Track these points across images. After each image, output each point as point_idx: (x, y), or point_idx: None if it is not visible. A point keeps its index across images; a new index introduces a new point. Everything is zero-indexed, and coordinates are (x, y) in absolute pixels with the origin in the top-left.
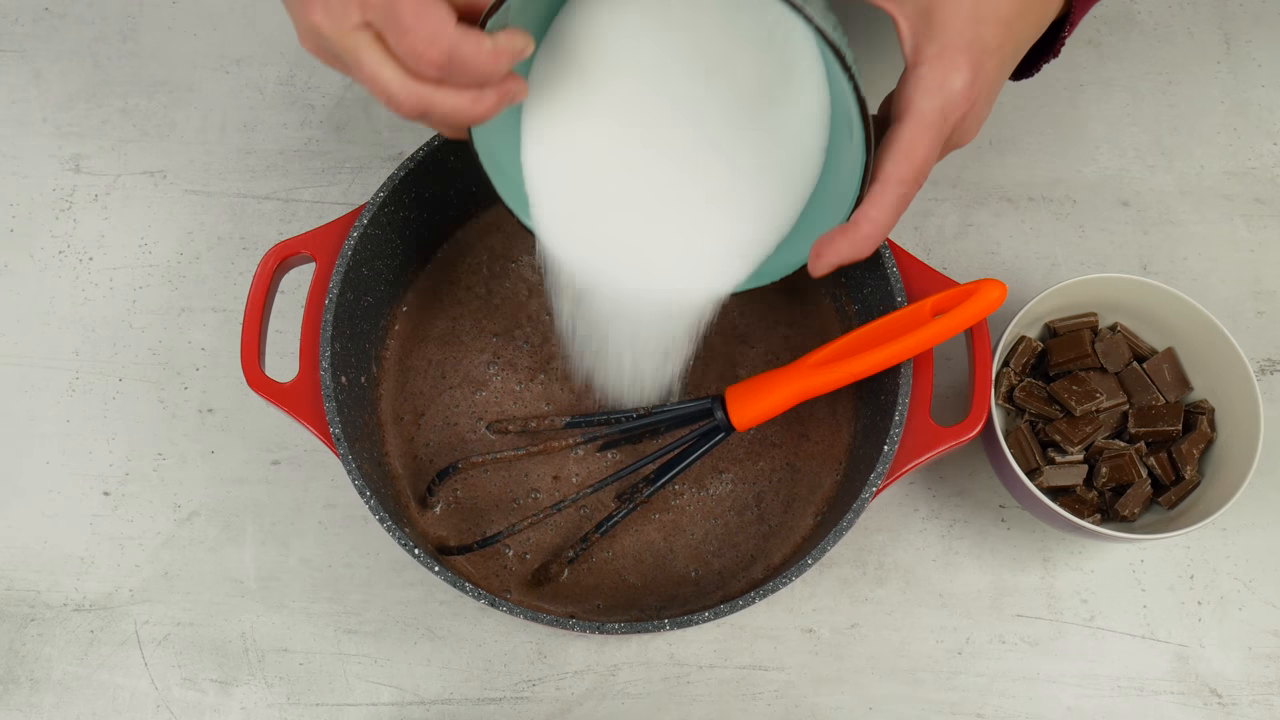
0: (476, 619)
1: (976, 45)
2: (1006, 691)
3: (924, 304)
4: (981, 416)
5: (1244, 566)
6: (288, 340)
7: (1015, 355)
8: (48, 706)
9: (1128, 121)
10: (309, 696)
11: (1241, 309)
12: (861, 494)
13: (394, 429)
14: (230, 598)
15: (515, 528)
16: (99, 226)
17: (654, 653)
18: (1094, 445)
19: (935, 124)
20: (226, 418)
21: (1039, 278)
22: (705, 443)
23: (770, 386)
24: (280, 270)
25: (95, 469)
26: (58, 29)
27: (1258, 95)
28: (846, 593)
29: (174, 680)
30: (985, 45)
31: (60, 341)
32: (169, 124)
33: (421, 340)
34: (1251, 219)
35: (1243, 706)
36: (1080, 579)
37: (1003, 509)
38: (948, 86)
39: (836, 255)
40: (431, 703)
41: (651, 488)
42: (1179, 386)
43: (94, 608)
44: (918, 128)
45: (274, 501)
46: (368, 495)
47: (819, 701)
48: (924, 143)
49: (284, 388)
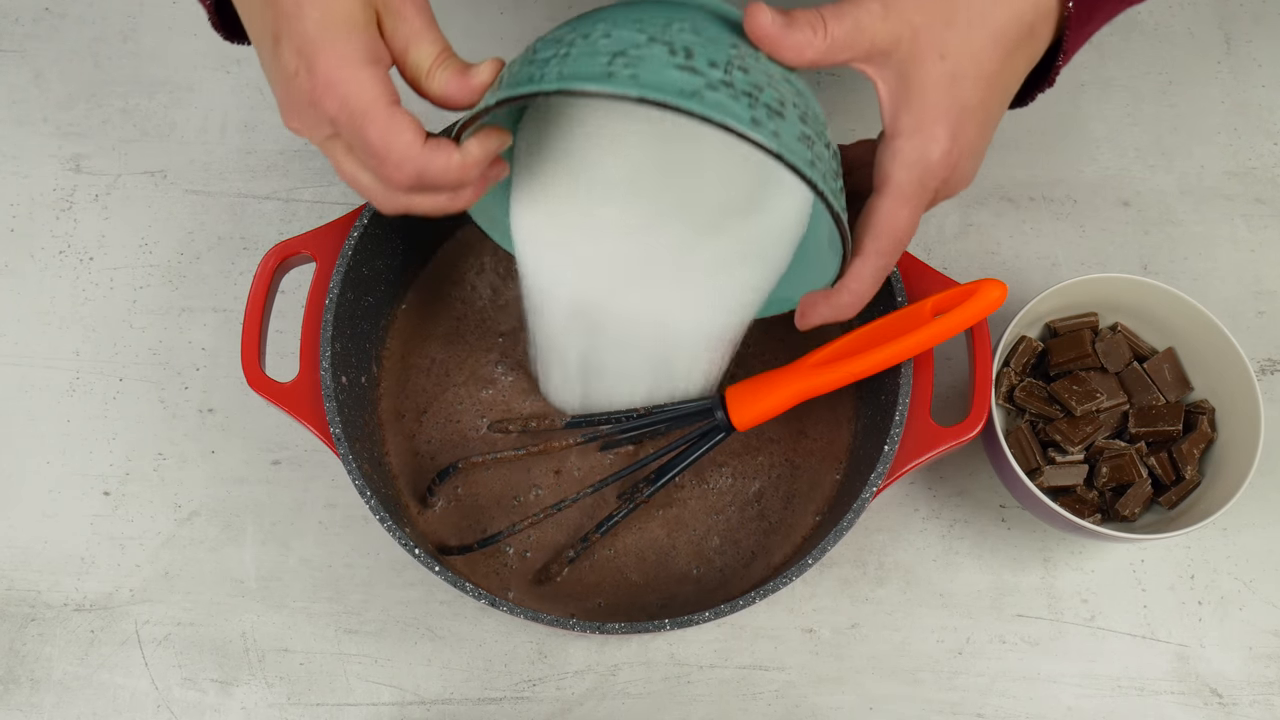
0: (477, 619)
1: (954, 109)
2: (1007, 691)
3: (924, 304)
4: (982, 416)
5: (1244, 566)
6: (288, 340)
7: (1016, 355)
8: (48, 706)
9: (1128, 121)
10: (309, 696)
11: (1242, 309)
12: (862, 494)
13: (394, 429)
14: (231, 598)
15: (516, 527)
16: (99, 226)
17: (654, 652)
18: (1094, 445)
19: (913, 196)
20: (227, 418)
21: (1039, 277)
22: (705, 443)
23: (770, 386)
24: (280, 270)
25: (96, 469)
26: (58, 29)
27: (1258, 95)
28: (847, 593)
29: (174, 680)
30: (965, 105)
31: (60, 341)
32: (169, 124)
33: (423, 339)
34: (1252, 219)
35: (1243, 706)
36: (1081, 579)
37: (1003, 509)
38: (925, 159)
39: (819, 318)
40: (432, 703)
41: (652, 488)
42: (1179, 386)
43: (94, 608)
44: (895, 201)
45: (274, 501)
46: (368, 495)
47: (819, 701)
48: (903, 215)
49: (284, 388)
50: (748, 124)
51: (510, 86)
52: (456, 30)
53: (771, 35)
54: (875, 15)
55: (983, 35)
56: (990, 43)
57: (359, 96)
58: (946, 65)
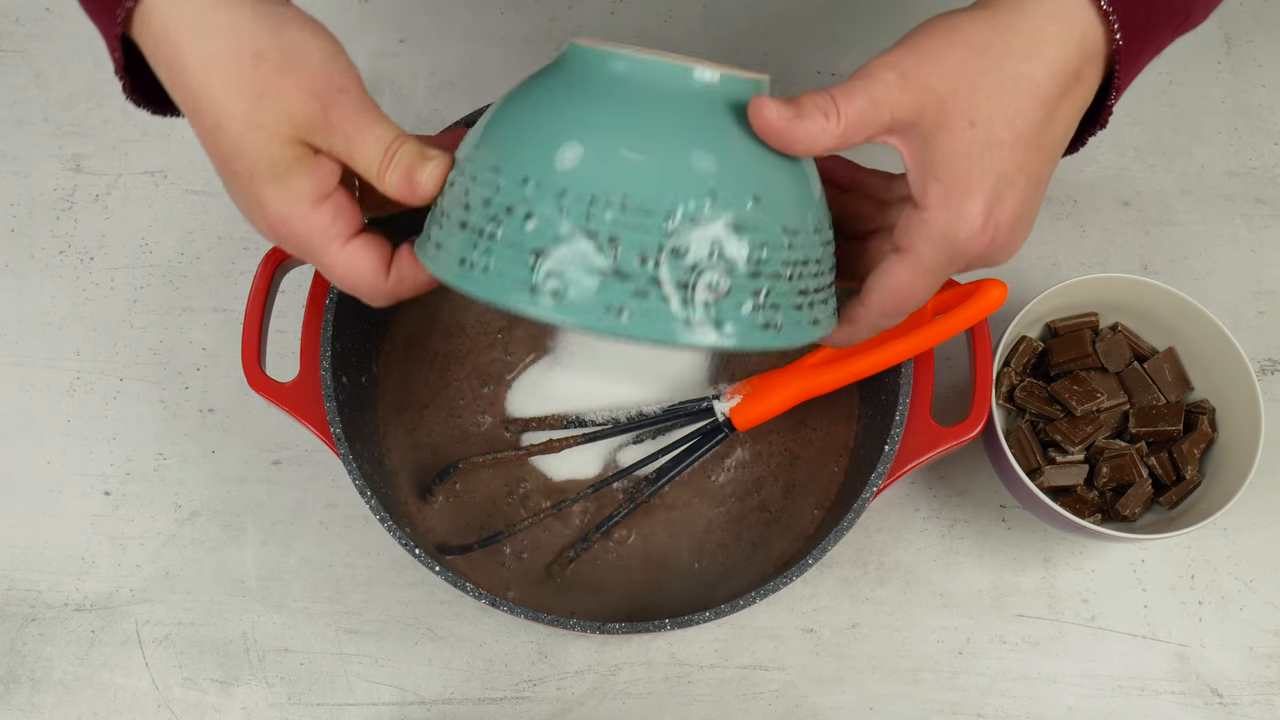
0: (477, 619)
1: (988, 180)
2: (1007, 691)
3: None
4: (982, 416)
5: (1245, 566)
6: (288, 340)
7: (1016, 355)
8: (49, 706)
9: (1128, 121)
10: (310, 696)
11: (1242, 309)
12: (862, 494)
13: (395, 428)
14: (231, 597)
15: (516, 527)
16: (100, 226)
17: (655, 652)
18: (1095, 445)
19: (932, 269)
20: (227, 417)
21: (1040, 277)
22: (706, 442)
23: (771, 386)
24: (281, 270)
25: (96, 469)
26: (59, 29)
27: (1258, 95)
28: (847, 592)
29: (175, 680)
30: (1001, 174)
31: (61, 341)
32: (169, 124)
33: (425, 338)
34: (1252, 219)
35: (1244, 706)
36: (1081, 579)
37: (1003, 509)
38: (952, 235)
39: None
40: (432, 703)
41: (652, 487)
42: (1180, 386)
43: (95, 607)
44: (913, 272)
45: (275, 501)
46: (369, 495)
47: (820, 701)
48: (918, 286)
49: (285, 387)
50: (680, 330)
51: (444, 266)
52: (456, 30)
53: (780, 131)
54: (891, 87)
55: (1018, 97)
56: (1029, 103)
57: (311, 237)
58: (978, 133)
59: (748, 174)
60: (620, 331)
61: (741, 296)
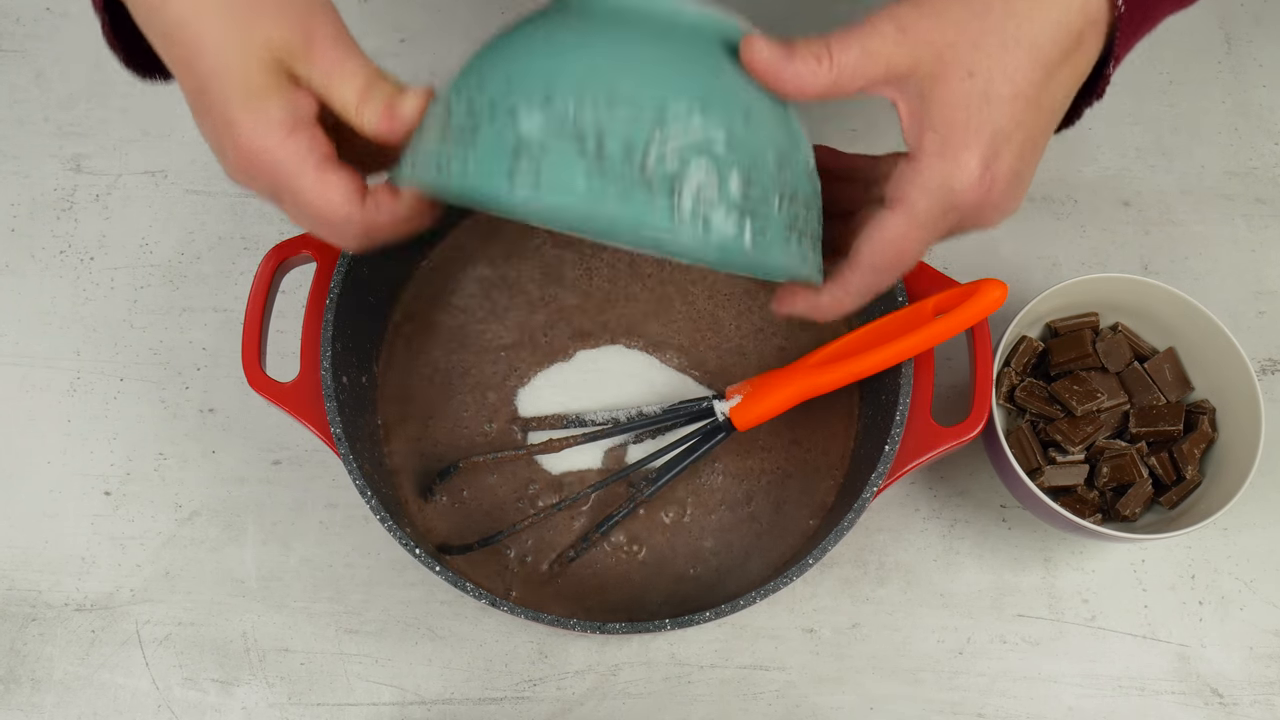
0: (477, 619)
1: (986, 132)
2: (1008, 691)
3: (925, 304)
4: (982, 416)
5: (1245, 566)
6: (288, 340)
7: (1016, 355)
8: (49, 706)
9: (1129, 121)
10: (310, 696)
11: (1242, 309)
12: (862, 494)
13: (395, 428)
14: (231, 597)
15: (516, 527)
16: (100, 226)
17: (655, 652)
18: (1095, 445)
19: (927, 223)
20: (227, 417)
21: (1040, 277)
22: (706, 442)
23: (771, 386)
24: (281, 270)
25: (96, 469)
26: (59, 28)
27: (1259, 95)
28: (847, 592)
29: (175, 680)
30: (999, 128)
31: (61, 341)
32: (169, 124)
33: (425, 338)
34: (1252, 219)
35: (1244, 706)
36: (1081, 579)
37: (1004, 509)
38: (948, 185)
39: (793, 310)
40: (432, 703)
41: (652, 487)
42: (1180, 386)
43: (95, 607)
44: (906, 224)
45: (275, 501)
46: (369, 495)
47: (820, 701)
48: (910, 240)
49: (285, 388)
50: (664, 225)
51: (422, 169)
52: (456, 30)
53: (770, 69)
54: (888, 39)
55: (1019, 54)
56: (1029, 61)
57: (283, 166)
58: (976, 83)
59: (739, 97)
60: (602, 222)
61: (729, 206)
